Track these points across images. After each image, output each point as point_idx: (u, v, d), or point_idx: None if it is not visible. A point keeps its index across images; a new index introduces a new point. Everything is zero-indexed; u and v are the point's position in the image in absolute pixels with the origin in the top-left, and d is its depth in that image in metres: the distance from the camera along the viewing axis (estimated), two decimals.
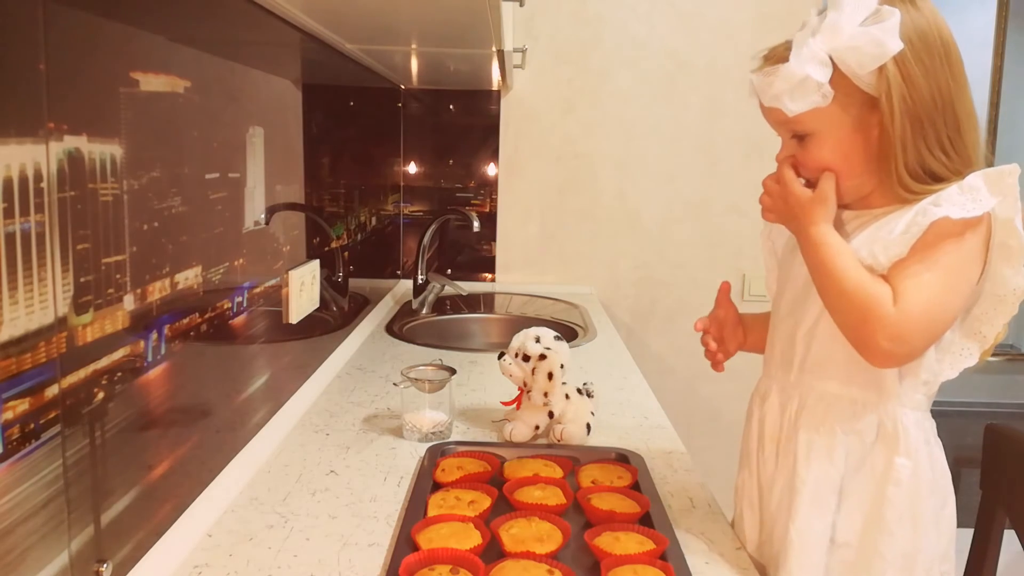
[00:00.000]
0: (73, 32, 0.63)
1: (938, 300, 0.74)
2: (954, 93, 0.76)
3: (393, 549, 0.84)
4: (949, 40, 0.78)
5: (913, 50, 0.75)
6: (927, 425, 0.83)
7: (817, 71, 0.75)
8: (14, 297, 0.56)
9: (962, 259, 0.75)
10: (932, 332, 0.76)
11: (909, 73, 0.75)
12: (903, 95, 0.75)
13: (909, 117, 0.75)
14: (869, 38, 0.73)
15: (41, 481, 0.60)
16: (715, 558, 0.87)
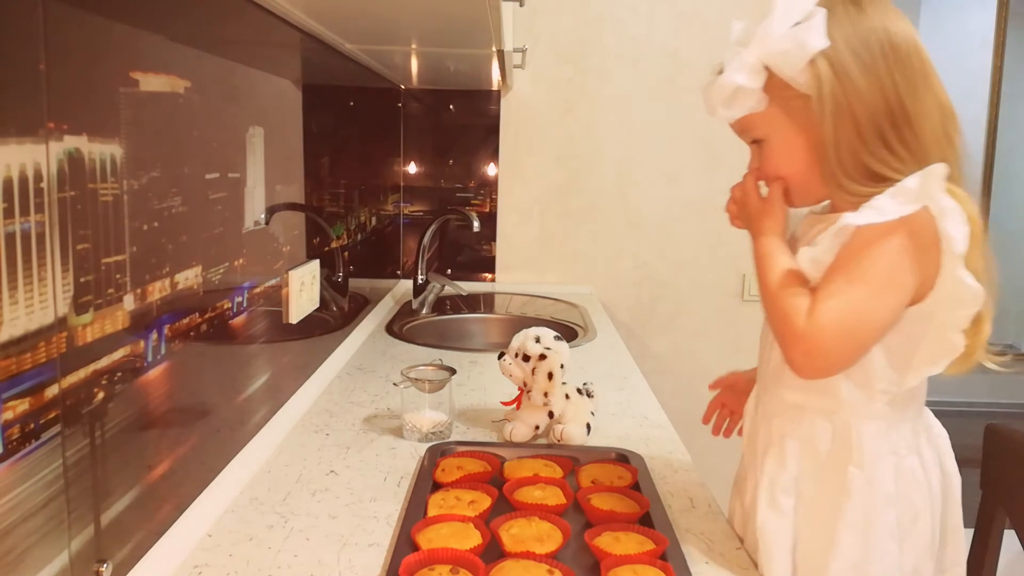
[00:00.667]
0: (73, 32, 0.63)
1: (853, 312, 0.73)
2: (904, 93, 0.74)
3: (393, 549, 0.84)
4: (902, 41, 0.75)
5: (850, 48, 0.74)
6: (896, 436, 0.80)
7: (749, 79, 0.77)
8: (14, 297, 0.56)
9: (883, 267, 0.72)
10: (851, 344, 0.74)
11: (843, 71, 0.74)
12: (834, 93, 0.74)
13: (843, 116, 0.74)
14: (793, 39, 0.73)
15: (41, 481, 0.60)
16: (715, 558, 0.87)
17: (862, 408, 0.79)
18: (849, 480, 0.79)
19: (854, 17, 0.75)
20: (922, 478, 0.81)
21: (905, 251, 0.72)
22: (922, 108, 0.75)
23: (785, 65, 0.75)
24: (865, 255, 0.72)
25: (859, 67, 0.74)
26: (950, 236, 0.71)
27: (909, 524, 0.81)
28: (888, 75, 0.74)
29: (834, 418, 0.81)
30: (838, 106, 0.74)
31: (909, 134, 0.75)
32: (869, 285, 0.72)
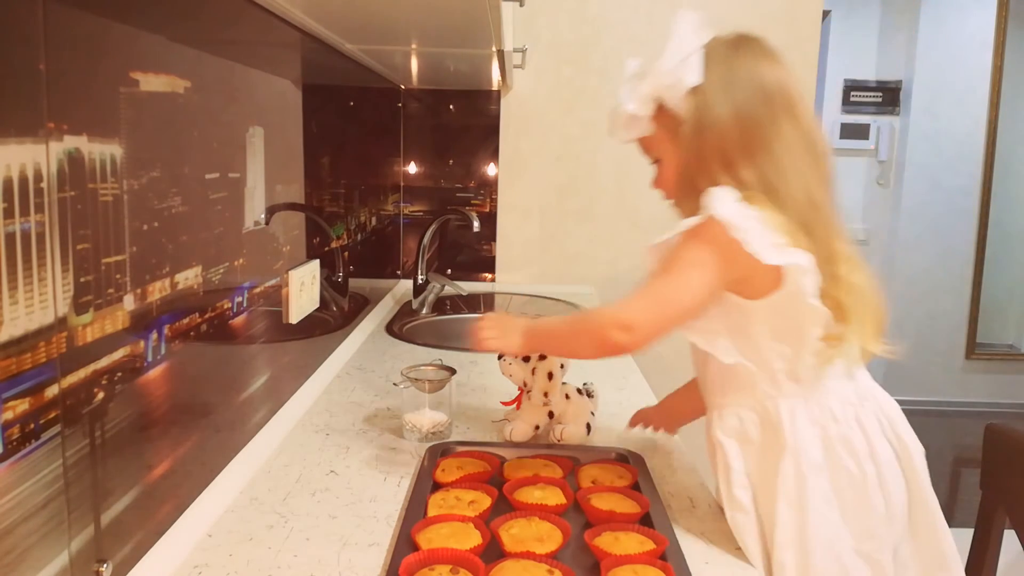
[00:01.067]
0: (73, 32, 0.63)
1: (656, 293, 0.85)
2: (764, 126, 0.84)
3: (393, 549, 0.84)
4: (770, 81, 0.86)
5: (720, 84, 0.85)
6: (816, 409, 0.87)
7: (639, 107, 0.90)
8: (14, 297, 0.56)
9: (680, 259, 0.84)
10: (657, 316, 0.84)
11: (710, 103, 0.85)
12: (699, 120, 0.85)
13: (703, 140, 0.86)
14: (675, 75, 0.86)
15: (41, 481, 0.60)
16: (715, 558, 0.87)
17: (773, 390, 0.88)
18: (778, 458, 0.86)
19: (727, 58, 0.87)
20: (859, 446, 0.87)
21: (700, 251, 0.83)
22: (781, 140, 0.84)
23: (669, 96, 0.87)
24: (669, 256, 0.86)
25: (723, 101, 0.85)
26: (741, 239, 0.80)
27: (849, 490, 0.86)
28: (749, 110, 0.85)
29: (756, 407, 0.89)
30: (700, 131, 0.86)
31: (765, 161, 0.84)
32: (670, 274, 0.84)
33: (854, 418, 0.88)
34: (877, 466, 0.87)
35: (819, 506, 0.85)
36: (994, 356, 4.45)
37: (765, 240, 0.80)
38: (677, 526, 0.91)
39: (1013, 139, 4.33)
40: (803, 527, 0.84)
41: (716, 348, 0.88)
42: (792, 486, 0.85)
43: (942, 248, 4.31)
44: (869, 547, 0.86)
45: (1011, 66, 4.21)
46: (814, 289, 0.82)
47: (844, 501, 0.86)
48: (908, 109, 4.26)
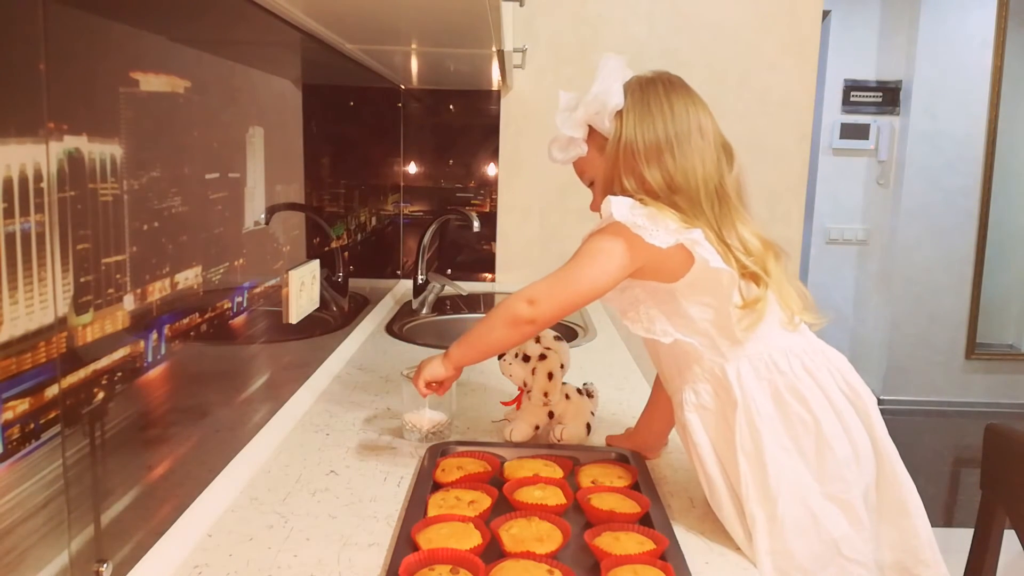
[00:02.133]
0: (73, 32, 0.63)
1: (560, 274, 0.99)
2: (672, 140, 0.96)
3: (393, 549, 0.84)
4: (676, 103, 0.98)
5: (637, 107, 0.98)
6: (761, 365, 0.93)
7: (574, 132, 1.03)
8: (14, 297, 0.56)
9: (589, 253, 0.97)
10: (561, 292, 0.98)
11: (627, 122, 0.98)
12: (619, 136, 0.98)
13: (621, 151, 0.98)
14: (602, 101, 0.98)
15: (41, 481, 0.60)
16: (715, 558, 0.87)
17: (718, 357, 0.93)
18: (733, 416, 0.91)
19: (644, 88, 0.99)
20: (810, 395, 0.91)
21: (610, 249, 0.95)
22: (686, 148, 0.96)
23: (597, 120, 1.00)
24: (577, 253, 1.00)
25: (638, 120, 0.97)
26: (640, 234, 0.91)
27: (803, 437, 0.90)
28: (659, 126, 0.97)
29: (708, 377, 0.94)
30: (618, 144, 0.98)
31: (670, 165, 0.96)
32: (573, 260, 0.99)
33: (802, 368, 0.93)
34: (835, 411, 0.91)
35: (777, 455, 0.88)
36: (994, 356, 4.45)
37: (659, 229, 0.92)
38: (677, 526, 0.91)
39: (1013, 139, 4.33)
40: (764, 478, 0.87)
41: (655, 332, 0.96)
42: (748, 439, 0.89)
43: (942, 248, 4.31)
44: (836, 489, 0.89)
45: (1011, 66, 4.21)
46: (715, 256, 0.91)
47: (803, 448, 0.90)
48: (908, 109, 4.26)
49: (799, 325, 0.95)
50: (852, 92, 4.36)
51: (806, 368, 0.93)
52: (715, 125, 1.00)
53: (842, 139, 4.38)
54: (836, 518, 0.88)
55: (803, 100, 2.42)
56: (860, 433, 0.92)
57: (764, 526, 0.87)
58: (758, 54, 2.40)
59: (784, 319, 0.95)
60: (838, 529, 0.88)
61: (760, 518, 0.87)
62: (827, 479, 0.89)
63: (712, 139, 0.99)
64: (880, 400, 4.48)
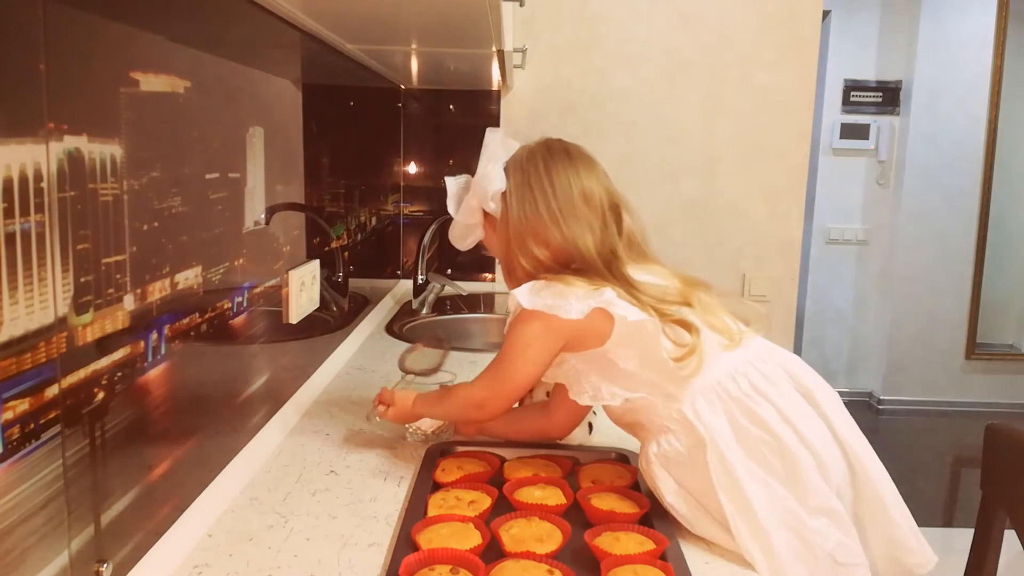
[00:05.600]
0: (73, 32, 0.63)
1: (495, 378, 1.01)
2: (555, 218, 0.98)
3: (393, 549, 0.84)
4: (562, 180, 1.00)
5: (516, 187, 1.02)
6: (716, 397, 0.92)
7: (468, 218, 1.07)
8: (14, 297, 0.56)
9: (515, 345, 0.98)
10: (506, 388, 1.00)
11: (508, 203, 1.02)
12: (504, 218, 1.02)
13: (508, 232, 1.02)
14: (484, 185, 1.04)
15: (41, 481, 0.60)
16: (715, 558, 0.87)
17: (672, 402, 0.93)
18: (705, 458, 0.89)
19: (524, 166, 1.03)
20: (763, 412, 0.90)
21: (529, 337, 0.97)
22: (567, 223, 0.98)
23: (486, 201, 1.04)
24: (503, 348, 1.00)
25: (519, 200, 1.01)
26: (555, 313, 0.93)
27: (771, 458, 0.89)
28: (539, 204, 0.99)
29: (669, 425, 0.93)
30: (504, 226, 1.02)
31: (555, 240, 0.98)
32: (501, 364, 1.00)
33: (750, 386, 0.92)
34: (790, 424, 0.90)
35: (753, 486, 0.87)
36: (994, 356, 4.45)
37: (570, 302, 0.93)
38: (677, 526, 0.91)
39: (1013, 139, 4.33)
40: (750, 512, 0.86)
41: (603, 398, 0.96)
42: (724, 476, 0.88)
43: (942, 248, 4.31)
44: (815, 501, 0.88)
45: (1011, 66, 4.21)
46: (632, 310, 0.92)
47: (773, 470, 0.88)
48: (908, 109, 4.25)
49: (741, 341, 0.95)
50: (852, 92, 4.36)
51: (753, 385, 0.92)
52: (601, 186, 1.03)
53: (842, 139, 4.37)
54: (825, 531, 0.87)
55: (803, 100, 2.41)
56: (821, 435, 0.91)
57: (762, 560, 0.85)
58: (758, 54, 2.40)
59: (723, 342, 0.94)
60: (829, 541, 0.87)
61: (756, 552, 0.85)
62: (803, 494, 0.88)
63: (598, 203, 1.01)
64: (880, 400, 4.51)
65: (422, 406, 1.11)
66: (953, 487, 3.54)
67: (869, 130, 4.35)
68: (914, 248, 4.31)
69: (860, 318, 4.53)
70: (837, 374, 4.45)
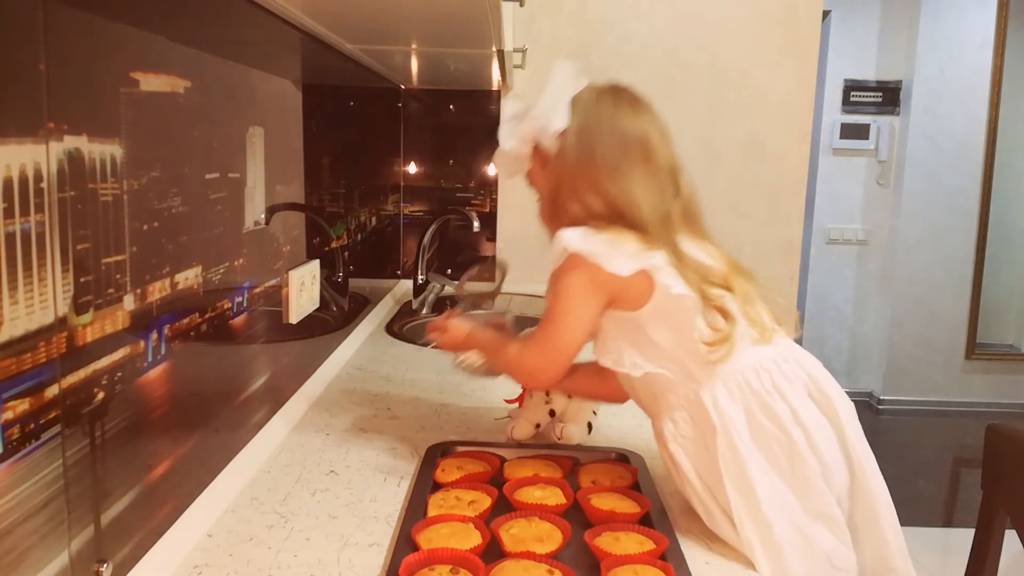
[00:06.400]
0: (73, 32, 0.63)
1: (548, 342, 0.95)
2: (617, 167, 0.94)
3: (393, 549, 0.84)
4: (628, 128, 0.96)
5: (580, 129, 0.96)
6: (737, 387, 0.90)
7: (517, 147, 1.00)
8: (14, 297, 0.56)
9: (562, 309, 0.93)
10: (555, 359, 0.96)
11: (569, 144, 0.96)
12: (561, 159, 0.96)
13: (563, 175, 0.96)
14: (545, 120, 0.96)
15: (41, 481, 0.60)
16: (715, 558, 0.87)
17: (692, 383, 0.91)
18: (713, 443, 0.89)
19: (590, 106, 0.97)
20: (780, 411, 0.89)
21: (577, 289, 0.92)
22: (631, 176, 0.94)
23: (542, 137, 0.97)
24: (550, 302, 0.95)
25: (581, 143, 0.95)
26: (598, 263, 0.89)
27: (786, 455, 0.88)
28: (603, 151, 0.94)
29: (684, 405, 0.92)
30: (560, 167, 0.96)
31: (613, 191, 0.93)
32: (561, 312, 0.94)
33: (772, 384, 0.91)
34: (802, 427, 0.89)
35: (760, 478, 0.87)
36: (994, 356, 4.45)
37: (618, 255, 0.90)
38: (677, 526, 0.91)
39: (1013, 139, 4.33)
40: (755, 504, 0.86)
41: (624, 365, 0.94)
42: (732, 465, 0.88)
43: (942, 248, 4.31)
44: (817, 504, 0.88)
45: (1011, 66, 4.21)
46: (677, 282, 0.89)
47: (780, 467, 0.88)
48: (908, 109, 4.25)
49: (772, 338, 0.93)
50: (852, 92, 4.36)
51: (775, 384, 0.91)
52: (665, 144, 0.97)
53: (842, 139, 4.37)
54: (823, 533, 0.88)
55: (803, 100, 2.41)
56: (830, 443, 0.91)
57: (761, 552, 0.85)
58: (758, 54, 2.39)
59: (755, 335, 0.92)
60: (827, 543, 0.87)
61: (756, 543, 0.86)
62: (806, 495, 0.88)
63: (660, 163, 0.95)
64: (880, 400, 4.51)
65: (475, 342, 1.07)
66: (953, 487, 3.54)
67: (869, 130, 4.35)
68: (914, 248, 4.31)
69: (860, 318, 4.53)
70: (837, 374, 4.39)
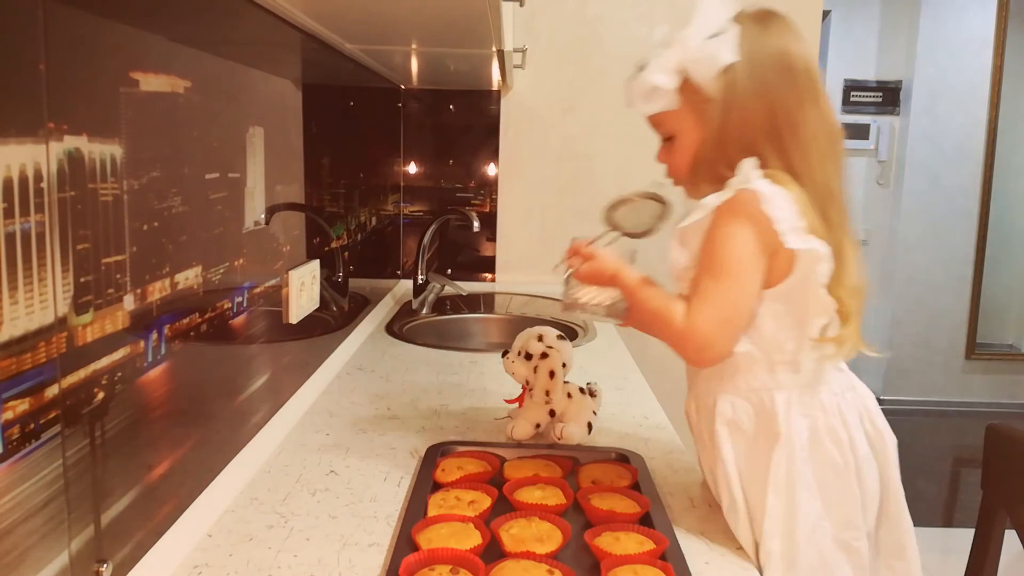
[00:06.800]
0: (73, 32, 0.63)
1: (720, 303, 0.82)
2: (791, 109, 0.83)
3: (393, 549, 0.84)
4: (797, 61, 0.84)
5: (750, 64, 0.83)
6: (808, 400, 0.87)
7: (665, 80, 0.85)
8: (14, 297, 0.56)
9: (730, 257, 0.82)
10: (729, 328, 0.84)
11: (740, 83, 0.83)
12: (729, 101, 0.83)
13: (729, 122, 0.84)
14: (708, 51, 0.82)
15: (41, 481, 0.60)
16: (715, 558, 0.87)
17: (770, 382, 0.87)
18: (771, 448, 0.86)
19: (758, 36, 0.84)
20: (843, 437, 0.87)
21: (744, 236, 0.81)
22: (806, 124, 0.83)
23: (699, 72, 0.84)
24: (714, 249, 0.83)
25: (753, 81, 0.83)
26: (772, 215, 0.80)
27: (833, 480, 0.87)
28: (777, 91, 0.83)
29: (751, 397, 0.88)
30: (726, 113, 0.84)
31: (792, 145, 0.83)
32: (727, 276, 0.82)
33: (838, 408, 0.89)
34: (855, 456, 0.88)
35: (804, 496, 0.86)
36: (994, 356, 4.45)
37: (791, 220, 0.79)
38: (677, 526, 0.91)
39: (1013, 139, 4.33)
40: (791, 517, 0.86)
41: None
42: (783, 477, 0.86)
43: (942, 248, 4.31)
44: (848, 536, 0.87)
45: (1011, 66, 4.21)
46: (825, 279, 0.82)
47: (826, 491, 0.87)
48: (908, 109, 4.26)
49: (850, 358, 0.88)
50: (852, 92, 4.36)
51: (840, 409, 0.88)
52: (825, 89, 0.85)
53: None
54: (844, 566, 0.87)
55: None
56: (873, 478, 0.89)
57: (779, 565, 0.85)
58: None
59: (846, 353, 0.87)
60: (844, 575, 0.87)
61: (776, 554, 0.85)
62: (841, 524, 0.87)
63: (826, 110, 0.83)
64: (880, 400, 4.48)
65: (623, 283, 0.90)
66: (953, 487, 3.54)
67: (869, 130, 4.35)
68: (914, 248, 4.31)
69: None
70: None
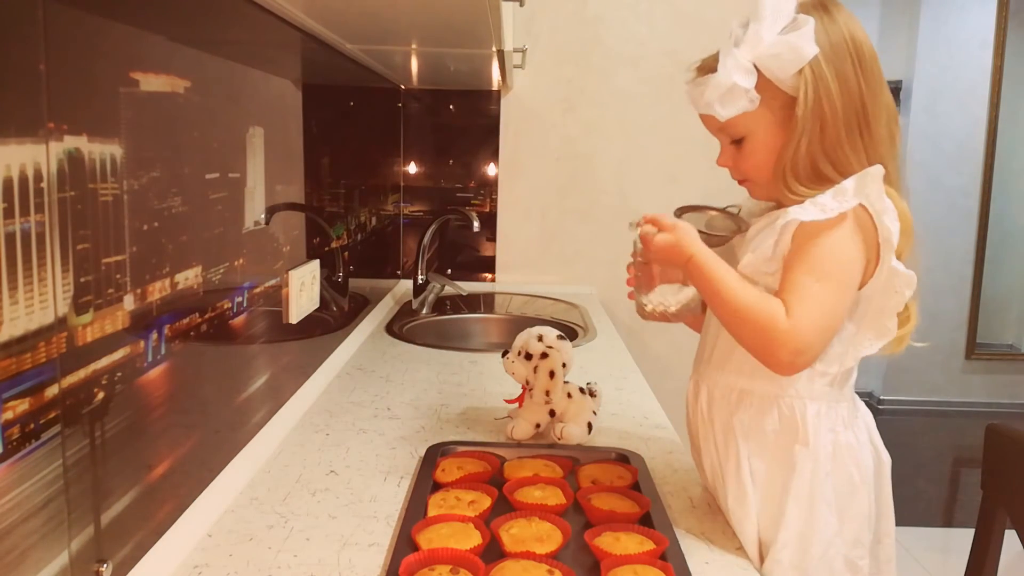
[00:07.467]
0: (73, 32, 0.63)
1: (826, 307, 0.79)
2: (866, 98, 0.80)
3: (393, 549, 0.84)
4: (861, 45, 0.81)
5: (824, 55, 0.79)
6: (835, 414, 0.86)
7: (743, 78, 0.80)
8: (14, 297, 0.56)
9: (838, 262, 0.79)
10: (827, 336, 0.81)
11: (822, 77, 0.79)
12: (814, 97, 0.79)
13: (816, 119, 0.80)
14: (788, 45, 0.78)
15: (41, 481, 0.60)
16: (715, 558, 0.87)
17: (805, 390, 0.85)
18: (795, 458, 0.85)
19: (827, 25, 0.80)
20: (858, 453, 0.87)
21: (854, 244, 0.79)
22: (877, 111, 0.81)
23: (777, 68, 0.79)
24: (822, 252, 0.79)
25: (833, 73, 0.79)
26: (887, 230, 0.78)
27: (847, 496, 0.87)
28: (855, 81, 0.80)
29: (780, 401, 0.86)
30: (815, 109, 0.80)
31: (866, 136, 0.81)
32: (833, 281, 0.79)
33: (854, 424, 0.89)
34: (866, 473, 0.88)
35: (824, 512, 0.86)
36: (994, 356, 4.45)
37: (895, 240, 0.77)
38: (677, 526, 0.91)
39: (1013, 139, 4.33)
40: (809, 531, 0.85)
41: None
42: (806, 488, 0.85)
43: (942, 248, 4.31)
44: (854, 554, 0.88)
45: (1011, 66, 4.21)
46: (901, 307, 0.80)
47: (841, 506, 0.87)
48: (908, 109, 4.26)
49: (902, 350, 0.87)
50: None
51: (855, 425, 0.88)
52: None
53: None
54: None
55: None
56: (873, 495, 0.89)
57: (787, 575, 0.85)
58: None
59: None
60: None
61: (786, 563, 0.85)
62: (851, 542, 0.87)
63: (892, 101, 0.82)
64: (880, 400, 4.51)
65: (705, 267, 0.82)
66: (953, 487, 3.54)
67: None
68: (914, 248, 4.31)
69: None
70: None
